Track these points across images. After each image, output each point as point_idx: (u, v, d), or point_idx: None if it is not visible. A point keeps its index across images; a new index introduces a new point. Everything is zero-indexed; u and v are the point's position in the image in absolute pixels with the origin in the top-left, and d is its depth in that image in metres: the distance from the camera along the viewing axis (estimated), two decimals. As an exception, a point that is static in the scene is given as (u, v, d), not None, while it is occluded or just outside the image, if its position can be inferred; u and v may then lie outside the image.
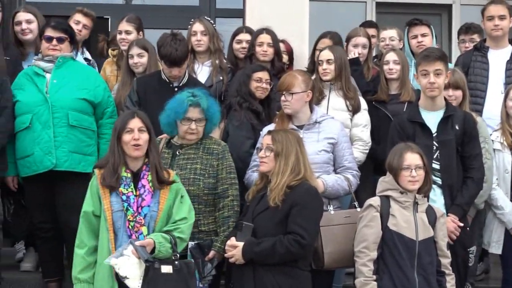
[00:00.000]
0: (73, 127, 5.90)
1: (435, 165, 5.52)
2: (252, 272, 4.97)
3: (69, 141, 5.88)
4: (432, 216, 5.19)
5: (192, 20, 6.91)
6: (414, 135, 5.56)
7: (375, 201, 5.18)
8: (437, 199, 5.52)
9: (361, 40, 6.86)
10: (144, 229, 4.86)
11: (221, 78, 6.65)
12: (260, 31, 6.77)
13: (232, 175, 5.37)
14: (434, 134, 5.58)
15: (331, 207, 5.45)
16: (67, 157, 5.86)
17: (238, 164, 5.57)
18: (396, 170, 5.15)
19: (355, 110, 6.16)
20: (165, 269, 4.77)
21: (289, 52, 7.24)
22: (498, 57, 6.76)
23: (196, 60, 6.77)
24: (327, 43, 6.64)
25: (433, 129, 5.59)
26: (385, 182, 5.24)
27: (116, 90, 6.58)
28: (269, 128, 5.59)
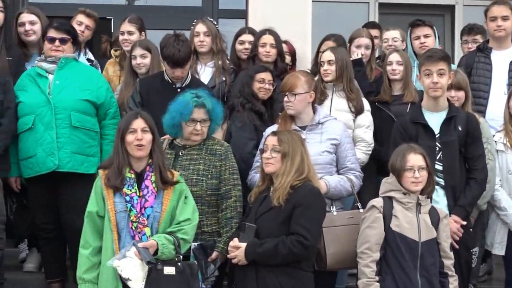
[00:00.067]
0: (75, 128, 5.89)
1: (438, 166, 5.51)
2: (254, 273, 4.97)
3: (72, 142, 5.87)
4: (435, 217, 5.19)
5: (195, 21, 6.90)
6: (417, 136, 5.55)
7: (378, 202, 5.17)
8: (440, 200, 5.51)
9: (364, 41, 6.85)
10: (147, 230, 4.86)
11: (224, 79, 6.65)
12: (263, 32, 6.76)
13: (235, 176, 5.37)
14: (437, 135, 5.57)
15: (334, 208, 5.44)
16: (69, 158, 5.85)
17: (241, 165, 5.56)
18: (399, 171, 5.15)
19: (357, 111, 6.14)
20: (168, 270, 4.78)
21: (292, 53, 7.23)
22: (501, 58, 6.75)
23: (199, 61, 6.76)
24: (331, 46, 6.63)
25: (436, 130, 5.58)
26: (388, 183, 5.24)
27: (119, 91, 6.58)
28: (272, 129, 5.58)
